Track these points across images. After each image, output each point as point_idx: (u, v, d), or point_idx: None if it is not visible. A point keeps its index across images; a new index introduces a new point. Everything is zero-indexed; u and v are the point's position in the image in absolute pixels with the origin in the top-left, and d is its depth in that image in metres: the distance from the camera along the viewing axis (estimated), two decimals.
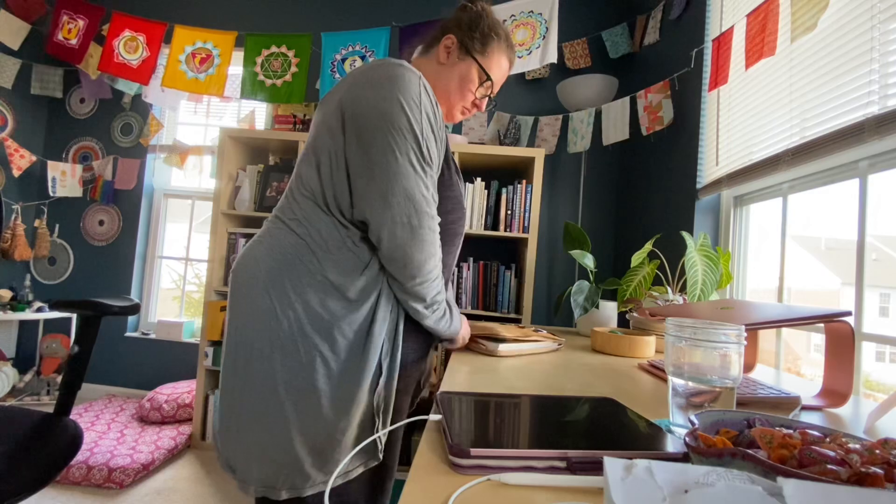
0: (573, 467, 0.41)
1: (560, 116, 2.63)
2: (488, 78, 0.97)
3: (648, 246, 1.51)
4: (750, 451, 0.32)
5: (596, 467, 0.41)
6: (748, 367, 0.99)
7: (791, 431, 0.38)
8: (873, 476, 0.30)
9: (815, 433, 0.38)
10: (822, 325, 0.75)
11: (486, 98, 1.00)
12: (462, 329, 0.95)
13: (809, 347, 1.53)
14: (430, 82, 0.97)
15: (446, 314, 0.87)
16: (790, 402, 0.70)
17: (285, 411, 0.75)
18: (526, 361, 0.96)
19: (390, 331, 0.82)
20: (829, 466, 0.31)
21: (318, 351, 0.76)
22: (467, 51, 0.95)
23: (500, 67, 0.99)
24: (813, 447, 0.34)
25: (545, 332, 1.19)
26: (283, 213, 0.84)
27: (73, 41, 2.88)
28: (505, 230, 2.33)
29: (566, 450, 0.42)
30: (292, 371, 0.76)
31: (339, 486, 0.78)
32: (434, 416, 0.51)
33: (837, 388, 0.73)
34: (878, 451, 0.33)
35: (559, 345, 1.16)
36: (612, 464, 0.28)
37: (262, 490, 0.75)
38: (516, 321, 2.35)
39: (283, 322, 0.77)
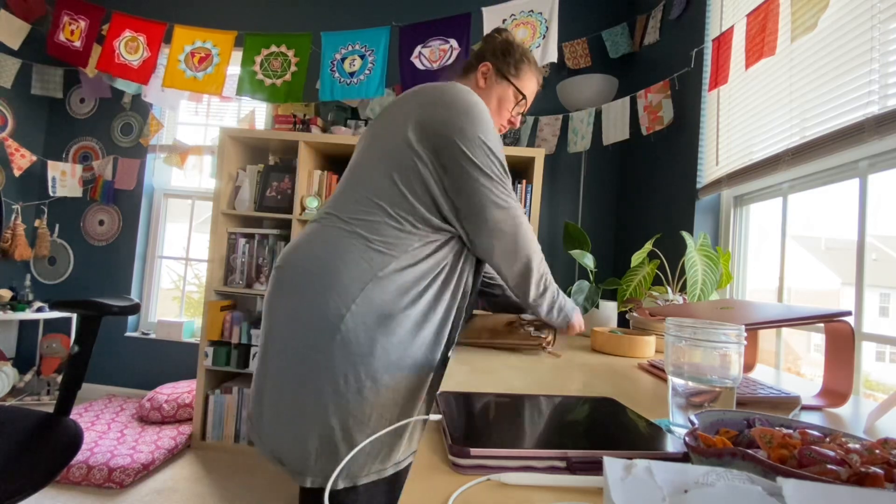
0: (573, 467, 0.41)
1: (560, 116, 2.63)
2: (523, 97, 1.09)
3: (648, 246, 1.51)
4: (750, 451, 0.32)
5: (596, 467, 0.41)
6: (748, 366, 0.99)
7: (791, 431, 0.38)
8: (873, 476, 0.30)
9: (815, 433, 0.38)
10: (821, 325, 0.75)
11: (521, 115, 1.12)
12: (574, 317, 1.05)
13: (809, 347, 1.53)
14: None
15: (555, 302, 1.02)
16: (790, 402, 0.70)
17: (344, 401, 0.79)
18: (526, 362, 0.96)
19: (439, 326, 0.90)
20: (829, 466, 0.31)
21: (377, 342, 0.81)
22: (503, 75, 1.07)
23: (532, 86, 1.12)
24: (813, 447, 0.34)
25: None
26: (342, 212, 0.89)
27: (77, 43, 2.88)
28: None
29: (566, 450, 0.42)
30: (352, 363, 0.80)
31: (391, 477, 0.83)
32: (434, 416, 0.51)
33: (837, 388, 0.73)
34: (878, 451, 0.33)
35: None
36: (612, 464, 0.28)
37: (319, 481, 0.79)
38: None
39: (344, 315, 0.81)
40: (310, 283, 0.84)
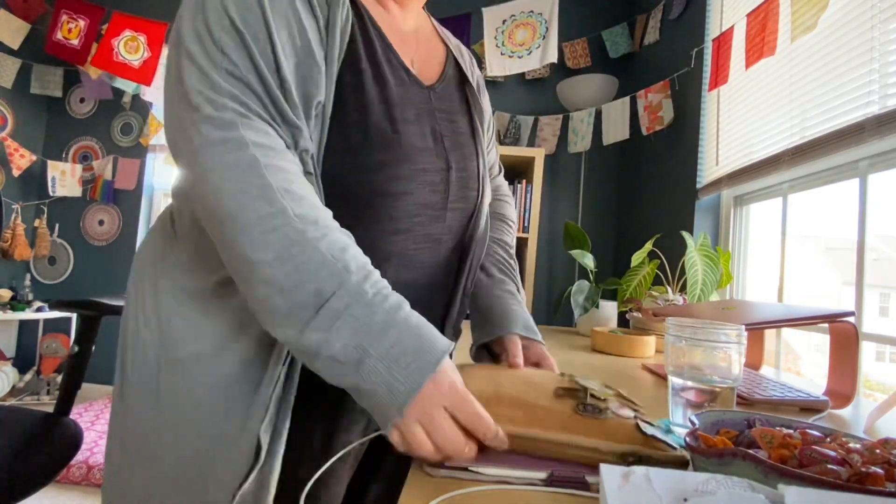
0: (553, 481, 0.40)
1: (560, 116, 2.62)
2: None
3: (648, 246, 1.51)
4: (750, 451, 0.32)
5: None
6: (755, 366, 0.99)
7: (791, 431, 0.38)
8: (874, 476, 0.30)
9: (816, 433, 0.38)
10: (822, 324, 0.75)
11: None
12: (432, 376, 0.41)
13: (809, 347, 1.53)
14: None
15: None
16: (819, 405, 0.70)
17: None
18: None
19: None
20: (830, 466, 0.31)
21: None
22: None
23: None
24: (814, 447, 0.34)
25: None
26: None
27: (75, 41, 2.88)
28: None
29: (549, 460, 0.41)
30: None
31: None
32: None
33: (841, 389, 0.73)
34: (878, 451, 0.33)
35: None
36: (609, 471, 0.28)
37: None
38: None
39: None
40: None
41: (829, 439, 0.37)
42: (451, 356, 0.44)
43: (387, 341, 0.40)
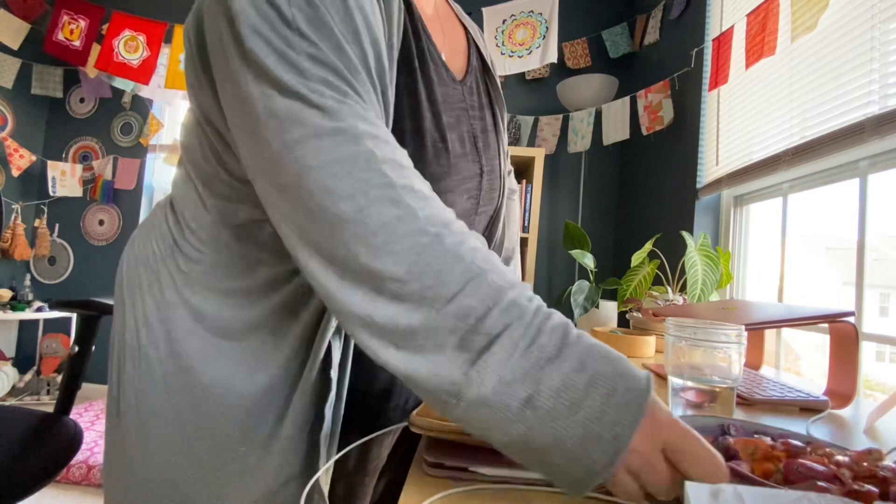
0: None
1: (560, 116, 2.62)
2: None
3: (648, 246, 1.51)
4: (732, 465, 0.31)
5: None
6: (755, 366, 0.99)
7: (769, 439, 0.37)
8: (867, 494, 0.29)
9: (797, 443, 0.37)
10: (822, 324, 0.75)
11: None
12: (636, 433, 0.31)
13: (809, 347, 1.53)
14: None
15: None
16: (819, 405, 0.70)
17: None
18: None
19: None
20: (821, 483, 0.30)
21: None
22: None
23: None
24: (801, 461, 0.32)
25: None
26: None
27: (76, 42, 2.88)
28: None
29: None
30: None
31: None
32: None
33: (841, 389, 0.73)
34: (865, 464, 0.32)
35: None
36: (696, 489, 0.26)
37: None
38: None
39: None
40: None
41: (809, 449, 0.36)
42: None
43: (561, 371, 0.30)
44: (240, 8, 0.37)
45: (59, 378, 2.57)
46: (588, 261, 1.57)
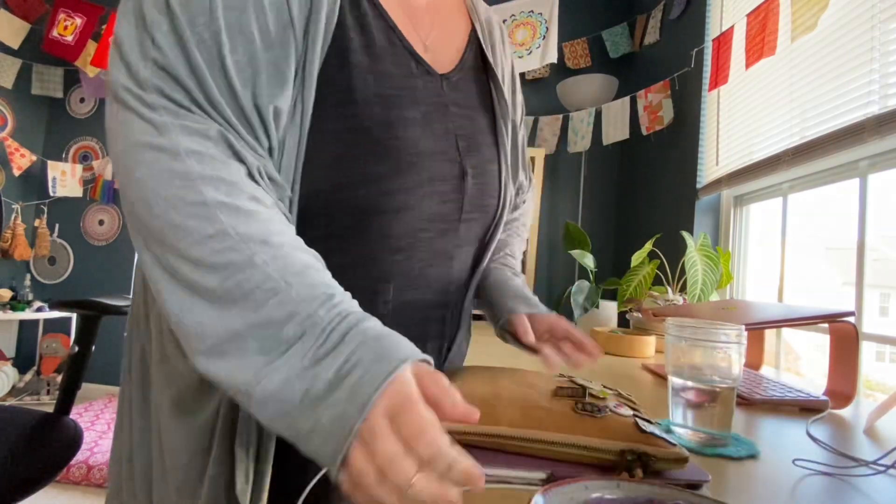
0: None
1: (560, 116, 2.62)
2: None
3: (648, 246, 1.51)
4: None
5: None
6: (755, 366, 0.99)
7: None
8: None
9: None
10: (822, 324, 0.75)
11: None
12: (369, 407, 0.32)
13: (809, 347, 1.53)
14: None
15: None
16: (819, 405, 0.70)
17: None
18: (522, 360, 0.96)
19: None
20: None
21: None
22: None
23: None
24: None
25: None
26: None
27: (69, 38, 2.87)
28: None
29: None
30: None
31: None
32: None
33: (841, 389, 0.73)
34: None
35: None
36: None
37: None
38: None
39: None
40: None
41: None
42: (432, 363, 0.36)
43: (335, 363, 0.32)
44: (120, 10, 0.39)
45: (59, 378, 2.57)
46: (588, 261, 1.57)
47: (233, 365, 0.34)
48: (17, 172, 3.00)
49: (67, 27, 2.88)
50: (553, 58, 2.30)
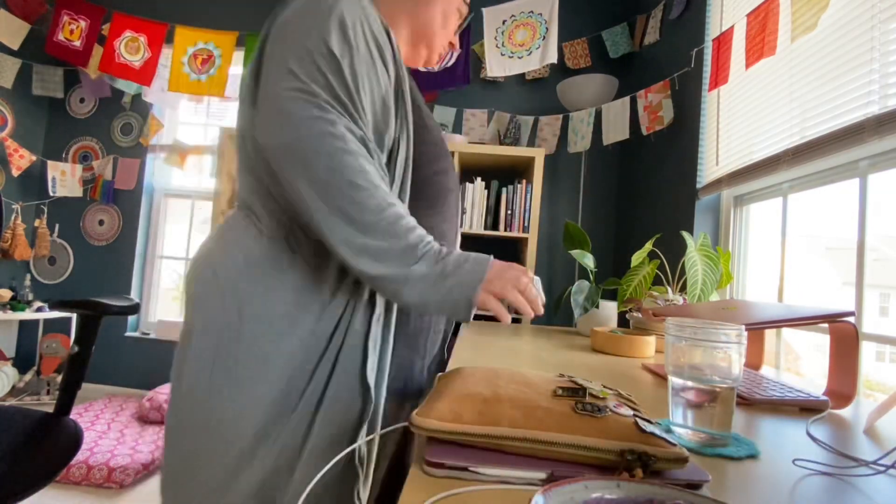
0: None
1: (560, 116, 2.62)
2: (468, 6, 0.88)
3: (648, 246, 1.51)
4: None
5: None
6: (755, 366, 0.99)
7: None
8: None
9: None
10: (822, 324, 0.75)
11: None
12: (488, 272, 0.60)
13: (809, 347, 1.53)
14: (405, 19, 0.82)
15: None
16: (819, 405, 0.70)
17: None
18: (522, 360, 0.96)
19: None
20: None
21: None
22: None
23: None
24: None
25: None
26: None
27: (76, 42, 2.88)
28: (505, 230, 2.33)
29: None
30: None
31: None
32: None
33: (841, 389, 0.73)
34: None
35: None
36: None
37: None
38: (516, 321, 2.35)
39: None
40: None
41: None
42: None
43: (451, 260, 0.60)
44: (285, 51, 0.63)
45: (59, 378, 2.57)
46: (588, 261, 1.57)
47: (388, 266, 0.58)
48: (16, 172, 3.00)
49: (73, 31, 2.88)
50: (553, 58, 2.30)
